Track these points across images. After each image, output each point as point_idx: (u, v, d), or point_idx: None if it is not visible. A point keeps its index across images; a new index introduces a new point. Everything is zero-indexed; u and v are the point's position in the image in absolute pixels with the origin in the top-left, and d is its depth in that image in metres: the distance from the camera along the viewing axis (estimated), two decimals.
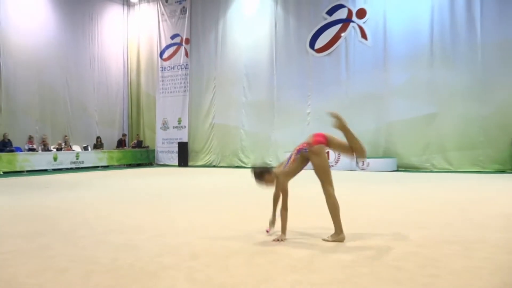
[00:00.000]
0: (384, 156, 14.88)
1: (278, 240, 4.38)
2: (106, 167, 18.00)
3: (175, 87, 19.76)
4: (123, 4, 21.25)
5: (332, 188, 4.53)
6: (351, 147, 4.69)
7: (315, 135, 4.68)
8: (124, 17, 21.33)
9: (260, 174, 4.55)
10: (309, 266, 3.54)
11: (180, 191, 9.31)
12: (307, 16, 16.70)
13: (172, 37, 19.92)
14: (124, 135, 20.52)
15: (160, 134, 20.09)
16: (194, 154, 19.10)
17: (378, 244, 4.22)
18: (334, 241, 4.36)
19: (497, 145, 13.33)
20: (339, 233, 4.41)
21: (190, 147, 19.14)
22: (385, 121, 15.10)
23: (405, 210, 6.27)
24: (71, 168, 16.73)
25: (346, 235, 4.46)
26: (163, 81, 20.07)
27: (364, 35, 15.59)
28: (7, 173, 14.54)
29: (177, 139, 19.38)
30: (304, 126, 16.40)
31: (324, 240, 4.40)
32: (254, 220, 5.60)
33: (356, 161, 4.81)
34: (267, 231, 4.77)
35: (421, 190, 8.81)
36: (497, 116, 13.35)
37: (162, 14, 20.25)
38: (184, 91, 19.49)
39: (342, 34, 16.01)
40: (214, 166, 18.29)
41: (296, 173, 4.63)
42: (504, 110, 13.26)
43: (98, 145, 18.89)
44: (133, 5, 21.26)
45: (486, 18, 13.62)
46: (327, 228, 4.63)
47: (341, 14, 16.05)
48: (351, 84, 15.72)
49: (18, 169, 15.03)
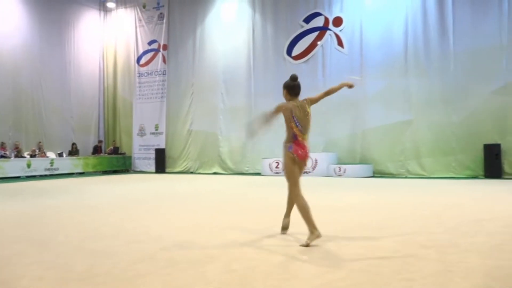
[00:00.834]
0: (360, 162, 15.05)
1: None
2: (82, 174, 17.73)
3: (153, 93, 19.63)
4: (100, 9, 21.06)
5: (298, 189, 4.59)
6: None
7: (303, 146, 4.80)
8: (101, 22, 21.14)
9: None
10: (286, 272, 3.56)
11: (157, 198, 9.24)
12: (285, 24, 16.84)
13: (150, 43, 19.82)
14: (100, 141, 20.27)
15: (137, 141, 19.91)
16: (172, 161, 18.97)
17: (354, 249, 4.27)
18: (312, 241, 4.39)
19: (469, 152, 13.63)
20: (314, 231, 4.42)
21: (168, 154, 19.01)
22: (361, 128, 15.30)
23: (380, 216, 6.36)
24: (46, 175, 16.43)
25: (322, 241, 4.49)
26: (140, 87, 19.92)
27: (341, 43, 15.80)
28: None
29: (154, 146, 19.22)
30: (282, 133, 16.41)
31: (303, 246, 4.41)
32: (232, 226, 5.59)
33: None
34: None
35: (396, 196, 8.94)
36: (469, 123, 13.66)
37: (140, 20, 20.13)
38: (162, 97, 19.37)
39: (319, 42, 16.19)
40: (192, 173, 18.20)
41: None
42: (476, 117, 13.57)
43: (74, 152, 18.61)
44: (110, 11, 21.09)
45: (458, 28, 13.96)
46: (305, 233, 4.66)
47: (318, 22, 16.24)
48: None
49: None
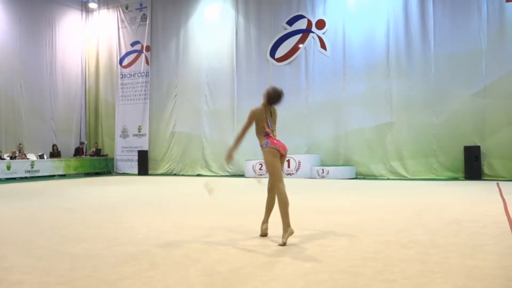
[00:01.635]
0: (343, 164, 15.15)
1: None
2: (63, 176, 17.50)
3: (135, 95, 19.48)
4: (82, 10, 20.85)
5: (283, 184, 4.71)
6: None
7: (277, 140, 4.98)
8: (83, 23, 20.93)
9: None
10: (270, 274, 3.55)
11: (139, 199, 9.16)
12: (268, 26, 16.88)
13: (132, 44, 19.67)
14: (82, 143, 20.03)
15: (120, 142, 19.73)
16: (155, 163, 18.84)
17: (337, 250, 4.29)
18: (288, 239, 4.53)
19: (450, 153, 13.83)
20: (287, 229, 4.56)
21: (150, 156, 18.88)
22: (344, 130, 15.40)
23: (363, 217, 6.40)
24: (26, 177, 16.18)
25: (305, 241, 4.51)
26: (123, 89, 19.75)
27: (324, 46, 15.89)
28: None
29: (137, 147, 19.08)
30: None
31: (281, 245, 4.48)
32: (215, 228, 5.57)
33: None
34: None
35: (378, 197, 9.02)
36: (449, 125, 13.87)
37: (122, 21, 19.97)
38: (145, 99, 19.24)
39: (301, 45, 16.26)
40: (175, 175, 18.10)
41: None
42: (456, 120, 13.78)
43: (55, 153, 18.35)
44: (92, 11, 20.88)
45: (439, 32, 14.17)
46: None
47: (301, 25, 16.32)
48: (311, 93, 15.97)
49: None
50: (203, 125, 17.82)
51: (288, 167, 15.36)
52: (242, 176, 16.19)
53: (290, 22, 16.51)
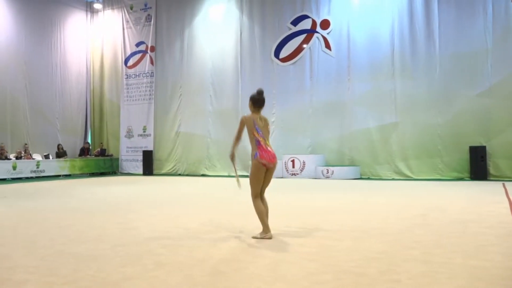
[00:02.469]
0: (348, 164, 15.13)
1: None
2: (68, 176, 17.57)
3: (140, 95, 19.53)
4: (87, 10, 20.91)
5: (257, 198, 5.02)
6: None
7: (267, 150, 5.13)
8: (87, 24, 21.00)
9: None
10: (274, 274, 3.55)
11: (144, 200, 9.19)
12: (272, 26, 16.88)
13: (137, 45, 19.72)
14: (87, 143, 20.11)
15: (125, 142, 19.78)
16: (159, 163, 18.88)
17: (341, 251, 4.29)
18: (262, 238, 4.85)
19: (455, 153, 13.77)
20: (267, 232, 4.90)
21: (155, 156, 18.92)
22: (349, 130, 15.37)
23: (367, 217, 6.39)
24: (32, 177, 16.25)
25: (309, 242, 4.50)
26: (128, 89, 19.80)
27: (328, 46, 15.87)
28: None
29: (142, 148, 19.12)
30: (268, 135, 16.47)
31: (254, 238, 4.91)
32: (219, 228, 5.58)
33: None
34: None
35: (383, 198, 9.00)
36: (454, 125, 13.81)
37: (127, 21, 20.02)
38: (150, 99, 19.28)
39: (305, 45, 16.24)
40: (180, 175, 18.13)
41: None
42: (461, 119, 13.72)
43: (61, 153, 18.42)
44: (97, 12, 20.95)
45: (444, 32, 14.11)
46: (295, 235, 4.66)
47: (306, 25, 16.30)
48: (315, 93, 15.96)
49: None
50: (208, 125, 17.84)
51: (293, 167, 15.36)
52: (247, 177, 16.14)
53: (295, 22, 16.50)
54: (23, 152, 16.92)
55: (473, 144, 13.39)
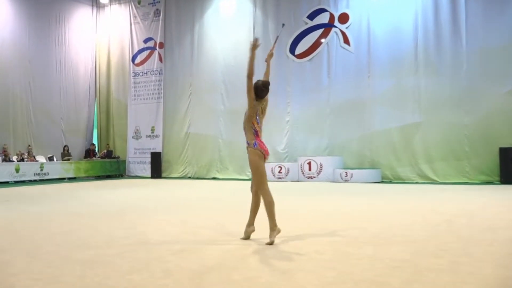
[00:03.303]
0: (368, 167, 15.04)
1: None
2: (73, 179, 17.73)
3: (148, 94, 19.64)
4: (92, 5, 21.09)
5: (267, 185, 5.08)
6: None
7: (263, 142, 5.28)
8: (93, 19, 21.17)
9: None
10: (290, 283, 3.54)
11: (152, 204, 9.23)
12: (287, 20, 16.82)
13: (145, 41, 19.84)
14: (93, 145, 20.27)
15: (132, 144, 19.90)
16: (168, 165, 18.96)
17: (361, 259, 4.26)
18: (275, 237, 4.87)
19: (483, 156, 13.60)
20: (275, 228, 4.90)
21: (164, 158, 19.01)
22: (369, 130, 15.27)
23: (389, 223, 6.34)
24: (35, 180, 16.43)
25: (327, 249, 4.48)
26: (135, 87, 19.93)
27: (347, 41, 15.80)
28: None
29: (150, 149, 19.21)
30: (283, 135, 16.50)
31: (269, 244, 4.83)
32: (231, 234, 5.58)
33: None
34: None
35: (405, 202, 8.92)
36: (483, 126, 13.64)
37: (135, 17, 20.16)
38: (158, 98, 19.38)
39: (322, 40, 16.19)
40: (190, 178, 18.19)
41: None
42: (490, 120, 13.55)
43: (66, 154, 18.60)
44: (103, 7, 21.13)
45: (472, 26, 13.95)
46: (312, 241, 4.63)
47: (323, 19, 16.25)
48: (333, 91, 15.89)
49: None
50: (219, 126, 17.87)
51: (309, 170, 15.31)
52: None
53: (311, 16, 16.46)
54: (26, 154, 17.12)
55: (503, 145, 13.20)
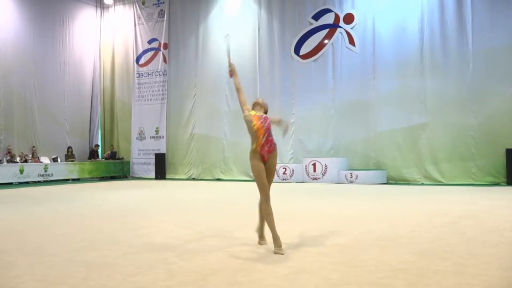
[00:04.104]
0: (373, 168, 15.01)
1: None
2: (77, 180, 17.78)
3: (153, 95, 19.68)
4: (96, 6, 21.17)
5: (264, 197, 4.96)
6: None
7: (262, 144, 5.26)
8: (98, 20, 21.24)
9: None
10: (294, 285, 3.54)
11: (156, 205, 9.25)
12: (292, 21, 16.85)
13: (150, 42, 19.89)
14: (97, 146, 20.33)
15: (136, 145, 19.94)
16: (172, 166, 18.99)
17: (366, 261, 4.25)
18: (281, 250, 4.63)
19: (490, 157, 13.54)
20: (277, 238, 4.71)
21: (168, 159, 19.04)
22: (374, 131, 15.24)
23: (394, 224, 6.32)
24: (39, 181, 16.49)
25: (332, 251, 4.48)
26: (140, 88, 19.98)
27: (352, 41, 15.78)
28: None
29: (154, 150, 19.25)
30: (288, 137, 16.48)
31: (281, 254, 4.57)
32: (236, 236, 5.58)
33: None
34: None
35: (411, 204, 8.90)
36: (489, 127, 13.58)
37: (139, 17, 20.21)
38: (162, 99, 19.42)
39: (327, 41, 16.16)
40: (194, 179, 18.20)
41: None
42: (496, 120, 13.49)
43: (69, 156, 18.65)
44: (107, 8, 21.19)
45: (478, 25, 13.91)
46: (316, 243, 4.63)
47: (328, 19, 16.24)
48: (338, 92, 15.87)
49: None
50: (224, 127, 17.88)
51: (314, 172, 15.30)
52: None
53: (316, 17, 16.45)
54: (31, 155, 17.18)
55: (510, 146, 13.14)
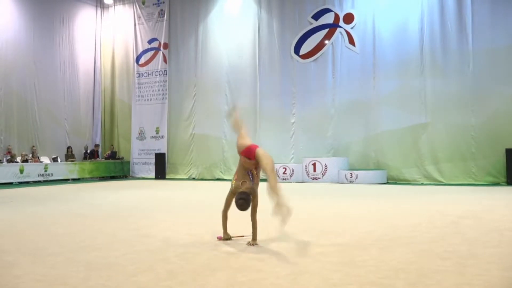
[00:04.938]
0: (373, 168, 15.01)
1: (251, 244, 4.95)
2: (77, 180, 17.78)
3: (153, 95, 19.68)
4: (96, 6, 21.17)
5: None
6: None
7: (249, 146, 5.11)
8: (98, 20, 21.25)
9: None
10: (294, 285, 3.54)
11: (156, 205, 9.25)
12: (292, 21, 16.86)
13: (150, 42, 19.89)
14: (97, 146, 20.33)
15: (136, 145, 19.94)
16: (173, 166, 18.99)
17: (366, 261, 4.25)
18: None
19: (490, 157, 13.55)
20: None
21: (169, 159, 19.04)
22: (374, 131, 15.25)
23: (394, 224, 6.32)
24: (39, 181, 16.49)
25: (332, 251, 4.48)
26: (140, 88, 19.98)
27: (352, 41, 15.78)
28: None
29: (155, 150, 19.25)
30: (288, 137, 16.51)
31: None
32: (236, 235, 5.58)
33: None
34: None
35: (411, 204, 8.90)
36: (489, 126, 13.59)
37: (139, 17, 20.21)
38: (163, 99, 19.42)
39: (327, 41, 16.17)
40: (194, 179, 18.20)
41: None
42: (496, 120, 13.50)
43: (69, 156, 18.65)
44: (107, 7, 21.19)
45: (478, 25, 13.91)
46: (317, 243, 4.63)
47: (328, 19, 16.25)
48: (338, 92, 15.88)
49: None
50: (224, 126, 17.88)
51: (314, 171, 15.30)
52: (265, 181, 16.13)
53: (316, 16, 16.45)
54: (31, 155, 17.18)
55: (510, 146, 13.15)
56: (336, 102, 15.90)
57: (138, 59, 20.11)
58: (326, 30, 16.27)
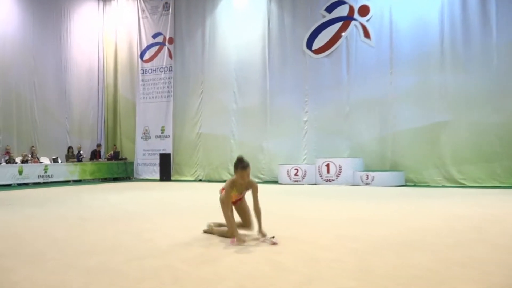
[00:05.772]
0: (390, 169, 14.94)
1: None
2: (78, 182, 17.89)
3: (158, 92, 19.75)
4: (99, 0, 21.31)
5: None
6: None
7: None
8: (100, 14, 21.37)
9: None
10: None
11: (161, 208, 9.27)
12: (304, 14, 16.83)
13: (154, 36, 19.97)
14: (99, 146, 20.44)
15: (141, 145, 20.03)
16: (178, 167, 19.05)
17: (382, 267, 4.22)
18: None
19: None
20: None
21: (174, 159, 19.09)
22: (392, 130, 15.20)
23: (413, 229, 6.28)
24: (39, 183, 16.61)
25: (346, 257, 4.46)
26: (144, 85, 20.06)
27: (368, 35, 15.73)
28: None
29: (160, 150, 19.31)
30: (301, 136, 16.48)
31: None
32: (244, 240, 5.57)
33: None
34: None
35: (430, 207, 8.84)
36: None
37: (143, 11, 20.30)
38: (168, 97, 19.48)
39: (343, 34, 16.14)
40: (201, 180, 18.24)
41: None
42: None
43: (70, 156, 18.76)
44: (110, 1, 21.32)
45: (503, 17, 13.80)
46: (329, 248, 4.61)
47: (342, 11, 16.21)
48: (353, 89, 15.83)
49: None
50: (232, 125, 17.91)
51: (328, 173, 15.26)
52: (276, 183, 16.17)
53: (329, 9, 16.42)
54: (30, 156, 17.31)
55: None
56: (351, 99, 15.86)
57: (142, 55, 20.19)
58: (340, 23, 16.23)
